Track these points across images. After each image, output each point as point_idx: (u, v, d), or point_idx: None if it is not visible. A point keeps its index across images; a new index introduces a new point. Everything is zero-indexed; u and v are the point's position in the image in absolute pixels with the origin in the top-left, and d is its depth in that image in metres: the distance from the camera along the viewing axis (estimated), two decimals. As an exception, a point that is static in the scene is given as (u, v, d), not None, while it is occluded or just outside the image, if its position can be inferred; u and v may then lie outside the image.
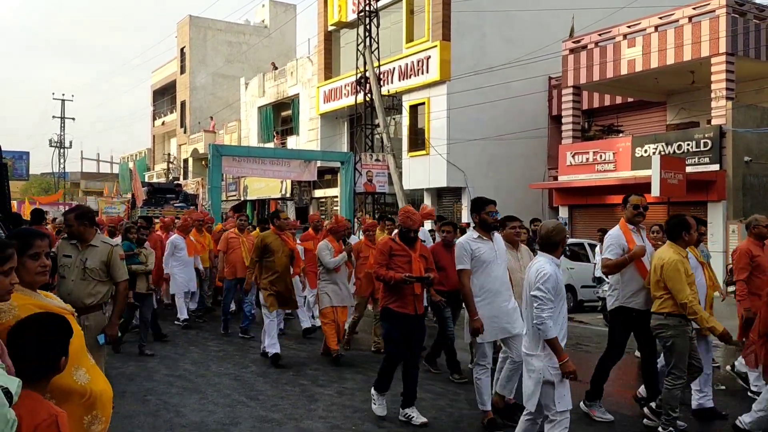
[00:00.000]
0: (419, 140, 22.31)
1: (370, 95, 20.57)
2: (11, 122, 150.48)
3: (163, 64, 46.52)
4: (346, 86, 24.72)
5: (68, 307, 3.15)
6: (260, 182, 28.89)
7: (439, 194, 22.29)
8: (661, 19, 17.06)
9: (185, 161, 40.92)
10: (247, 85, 33.75)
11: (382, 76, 21.63)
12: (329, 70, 26.84)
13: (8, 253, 2.56)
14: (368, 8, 20.80)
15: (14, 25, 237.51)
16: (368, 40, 20.49)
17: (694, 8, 16.32)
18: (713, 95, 16.00)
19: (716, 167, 15.63)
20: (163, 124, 46.16)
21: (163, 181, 37.47)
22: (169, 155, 42.56)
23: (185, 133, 40.86)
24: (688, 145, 16.19)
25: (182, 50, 41.64)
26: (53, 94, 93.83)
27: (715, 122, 15.97)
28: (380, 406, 5.64)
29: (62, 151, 51.08)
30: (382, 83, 21.17)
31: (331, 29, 26.76)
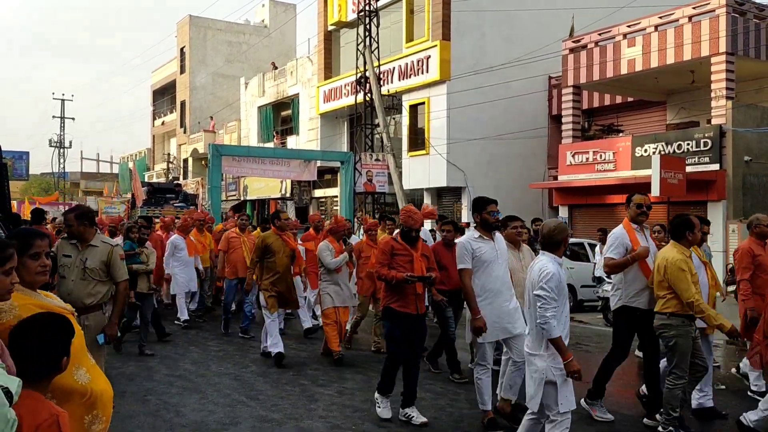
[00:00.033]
0: (419, 140, 22.31)
1: (370, 95, 20.57)
2: (11, 122, 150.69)
3: (163, 64, 46.55)
4: (346, 86, 24.72)
5: (68, 306, 3.16)
6: (260, 182, 28.89)
7: (438, 194, 22.29)
8: (661, 18, 17.06)
9: (185, 161, 40.92)
10: (246, 84, 33.75)
11: (381, 75, 21.63)
12: (329, 69, 26.84)
13: (9, 252, 2.57)
14: (368, 8, 20.80)
15: (14, 25, 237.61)
16: (368, 39, 20.50)
17: (694, 8, 16.32)
18: (713, 95, 16.00)
19: (716, 167, 15.64)
20: (162, 124, 46.16)
21: (162, 181, 37.48)
22: (168, 155, 42.56)
23: (185, 132, 40.86)
24: (688, 144, 16.20)
25: (182, 50, 41.65)
26: (53, 94, 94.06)
27: (715, 122, 15.97)
28: (385, 408, 5.59)
29: (62, 151, 51.14)
30: (381, 83, 21.17)
31: (331, 29, 26.76)
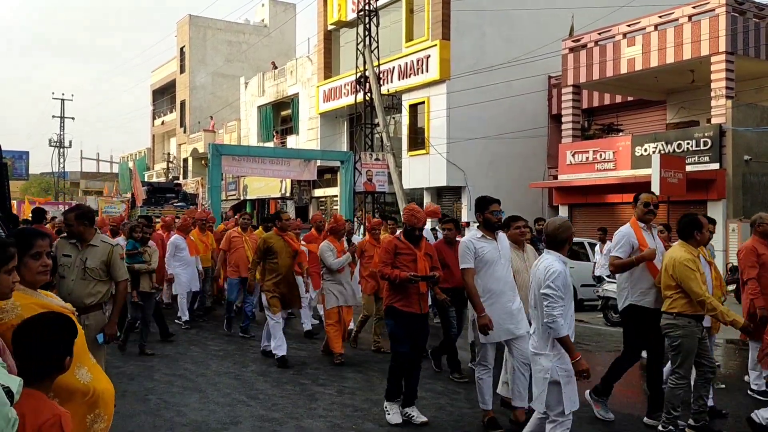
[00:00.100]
0: (419, 139, 22.31)
1: (369, 94, 20.56)
2: (11, 122, 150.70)
3: (162, 63, 46.55)
4: (345, 85, 24.72)
5: (69, 306, 3.16)
6: (260, 181, 28.90)
7: (438, 193, 22.29)
8: (660, 17, 17.06)
9: (185, 161, 40.92)
10: (246, 84, 33.74)
11: (381, 75, 21.63)
12: (329, 69, 26.84)
13: (10, 252, 2.59)
14: (368, 7, 20.79)
15: (14, 25, 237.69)
16: (368, 39, 20.49)
17: (693, 7, 16.32)
18: (713, 94, 16.00)
19: (716, 166, 15.64)
20: (162, 123, 46.16)
21: (162, 180, 37.49)
22: (168, 155, 42.56)
23: (185, 132, 40.86)
24: (688, 144, 16.20)
25: (182, 50, 41.64)
26: (53, 93, 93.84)
27: (714, 121, 15.97)
28: (395, 414, 5.47)
29: (62, 150, 51.12)
30: (381, 82, 21.16)
31: (330, 28, 26.76)
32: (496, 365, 5.53)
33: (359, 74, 20.98)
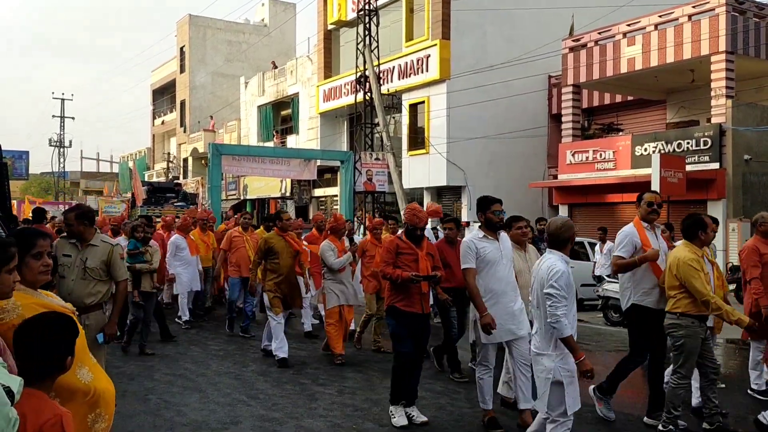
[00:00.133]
0: (419, 139, 22.31)
1: (369, 94, 20.56)
2: (11, 122, 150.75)
3: (162, 63, 46.54)
4: (345, 85, 24.71)
5: (69, 306, 3.17)
6: (260, 181, 28.89)
7: (438, 193, 22.29)
8: (660, 17, 17.06)
9: (185, 160, 40.91)
10: (246, 84, 33.74)
11: (381, 74, 21.62)
12: (329, 68, 26.84)
13: (11, 252, 2.60)
14: (368, 7, 20.79)
15: (14, 25, 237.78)
16: (368, 38, 20.48)
17: (693, 6, 16.32)
18: (713, 93, 16.00)
19: (716, 166, 15.64)
20: (162, 123, 46.16)
21: (162, 180, 37.49)
22: (168, 154, 42.56)
23: (185, 132, 40.86)
24: (688, 143, 16.20)
25: (182, 49, 41.63)
26: (53, 93, 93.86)
27: (714, 120, 15.97)
28: (400, 416, 5.40)
29: (62, 150, 51.17)
30: (381, 82, 21.16)
31: (330, 28, 26.76)
32: (496, 365, 5.53)
33: (359, 74, 20.98)
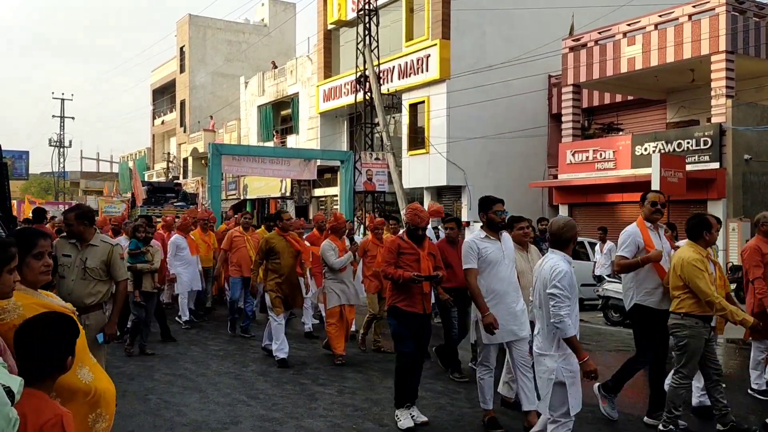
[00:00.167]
0: (419, 139, 22.30)
1: (369, 94, 20.56)
2: (11, 122, 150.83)
3: (162, 63, 46.53)
4: (345, 85, 24.71)
5: (69, 306, 3.17)
6: (260, 181, 28.88)
7: (438, 193, 22.29)
8: (660, 17, 17.05)
9: (185, 160, 40.91)
10: (246, 84, 33.73)
11: (381, 74, 21.62)
12: (329, 68, 26.83)
13: (12, 252, 2.60)
14: (368, 7, 20.79)
15: (14, 25, 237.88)
16: (368, 38, 20.48)
17: (693, 6, 16.32)
18: (713, 93, 15.99)
19: (716, 165, 15.64)
20: (162, 123, 46.15)
21: (162, 180, 37.48)
22: (168, 154, 42.55)
23: (185, 132, 40.85)
24: (688, 143, 16.20)
25: (182, 49, 41.62)
26: (53, 93, 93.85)
27: (715, 120, 15.97)
28: (405, 419, 5.31)
29: (62, 150, 51.16)
30: (381, 82, 21.16)
31: (330, 28, 26.75)
32: (497, 365, 5.52)
33: (359, 74, 20.98)
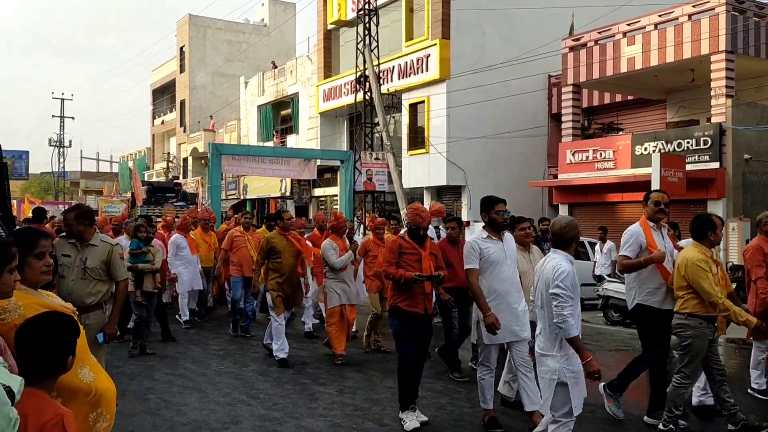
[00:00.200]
0: (419, 139, 22.30)
1: (369, 94, 20.56)
2: (11, 122, 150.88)
3: (162, 63, 46.53)
4: (345, 85, 24.71)
5: (69, 306, 3.17)
6: (260, 181, 28.88)
7: (438, 193, 22.28)
8: (660, 16, 17.05)
9: (185, 160, 40.90)
10: (246, 83, 33.72)
11: (381, 74, 21.62)
12: (329, 68, 26.83)
13: (13, 252, 2.61)
14: (367, 6, 20.79)
15: (14, 25, 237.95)
16: (368, 38, 20.49)
17: (693, 6, 16.31)
18: (713, 93, 15.99)
19: (716, 165, 15.64)
20: (162, 123, 46.14)
21: (162, 180, 37.47)
22: (168, 154, 42.55)
23: (185, 132, 40.84)
24: (688, 143, 16.20)
25: (182, 49, 41.62)
26: (53, 93, 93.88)
27: (715, 120, 15.97)
28: (411, 421, 5.26)
29: (62, 150, 51.15)
30: (381, 82, 21.16)
31: (330, 28, 26.75)
32: (498, 365, 5.53)
33: (359, 73, 20.98)
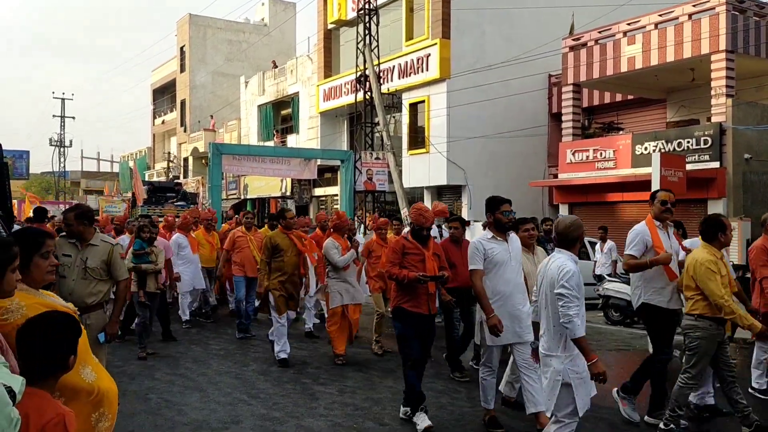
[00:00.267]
0: (419, 138, 22.30)
1: (369, 93, 20.57)
2: (11, 122, 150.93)
3: (163, 62, 46.53)
4: (345, 84, 24.70)
5: (71, 306, 3.17)
6: (260, 181, 28.89)
7: (439, 192, 22.28)
8: (661, 16, 17.04)
9: (185, 160, 40.91)
10: (247, 83, 33.73)
11: (381, 74, 21.62)
12: (329, 68, 26.83)
13: (14, 251, 2.62)
14: (368, 6, 20.79)
15: (14, 25, 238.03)
16: (368, 38, 20.48)
17: (694, 5, 16.31)
18: (713, 92, 15.98)
19: (716, 165, 15.63)
20: (163, 122, 46.15)
21: (163, 179, 37.47)
22: (169, 154, 42.56)
23: (185, 131, 40.85)
24: (688, 142, 16.19)
25: (182, 49, 41.62)
26: (53, 93, 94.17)
27: (715, 119, 15.96)
28: (423, 421, 5.23)
29: (62, 150, 51.18)
30: (381, 81, 21.16)
31: (330, 27, 26.75)
32: (500, 365, 5.53)
33: (359, 73, 20.98)
